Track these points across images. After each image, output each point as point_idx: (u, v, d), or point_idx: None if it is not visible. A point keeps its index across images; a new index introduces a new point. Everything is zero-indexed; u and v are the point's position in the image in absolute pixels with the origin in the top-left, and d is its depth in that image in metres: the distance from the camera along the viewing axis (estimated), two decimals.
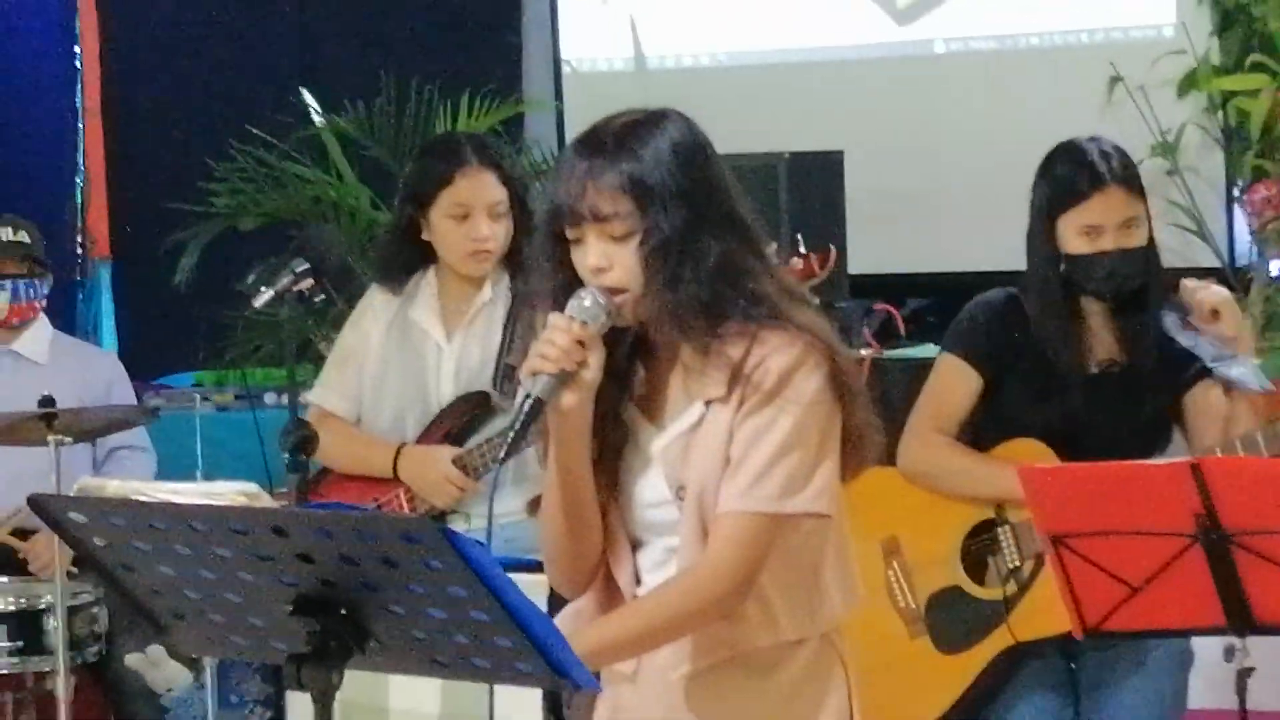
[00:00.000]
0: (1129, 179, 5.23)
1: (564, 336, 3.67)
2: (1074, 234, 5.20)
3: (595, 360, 3.70)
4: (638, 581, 3.85)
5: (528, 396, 3.70)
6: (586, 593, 3.89)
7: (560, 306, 3.72)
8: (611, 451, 3.85)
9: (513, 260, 5.98)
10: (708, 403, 3.75)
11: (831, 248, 5.72)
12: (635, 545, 3.87)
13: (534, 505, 3.93)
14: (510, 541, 5.22)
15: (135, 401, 7.75)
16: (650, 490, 3.83)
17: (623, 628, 3.79)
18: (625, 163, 3.70)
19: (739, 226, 3.77)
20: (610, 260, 3.72)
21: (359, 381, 6.04)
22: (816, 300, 4.15)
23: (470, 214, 5.95)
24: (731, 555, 3.70)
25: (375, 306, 6.11)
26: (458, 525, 5.68)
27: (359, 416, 6.08)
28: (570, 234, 3.74)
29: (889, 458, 5.27)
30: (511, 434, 3.75)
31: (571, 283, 3.75)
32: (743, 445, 3.71)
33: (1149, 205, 5.30)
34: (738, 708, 3.79)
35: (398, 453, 6.00)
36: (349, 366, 6.04)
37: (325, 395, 6.13)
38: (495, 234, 5.95)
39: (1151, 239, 5.27)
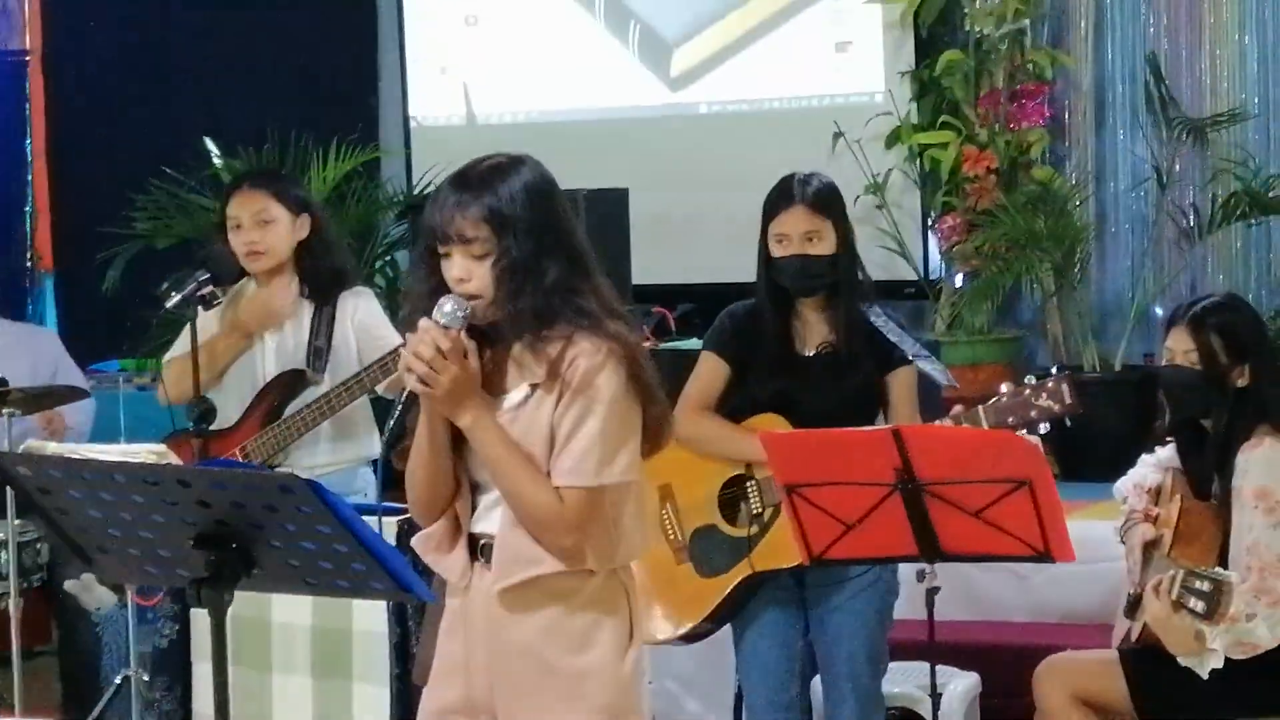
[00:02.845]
0: (815, 201, 5.19)
1: (426, 343, 3.68)
2: (772, 242, 5.22)
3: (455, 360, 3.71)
4: (472, 513, 3.86)
5: (403, 390, 3.75)
6: (435, 525, 3.87)
7: (431, 304, 3.72)
8: None
9: (305, 264, 5.94)
10: (533, 386, 3.76)
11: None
12: (475, 489, 3.86)
13: (401, 456, 3.92)
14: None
15: (79, 369, 7.64)
16: None
17: (522, 461, 3.73)
18: (487, 198, 3.71)
19: (574, 254, 3.77)
20: (470, 273, 3.72)
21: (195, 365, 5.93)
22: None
23: (241, 225, 5.90)
24: (570, 516, 3.72)
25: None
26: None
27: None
28: (441, 250, 3.75)
29: None
30: (393, 420, 3.80)
31: (440, 286, 3.75)
32: (564, 433, 3.72)
33: (849, 227, 5.25)
34: (539, 619, 3.79)
35: None
36: (189, 352, 5.94)
37: None
38: (263, 238, 5.87)
39: (841, 251, 5.21)
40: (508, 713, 3.83)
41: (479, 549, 3.85)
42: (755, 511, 5.21)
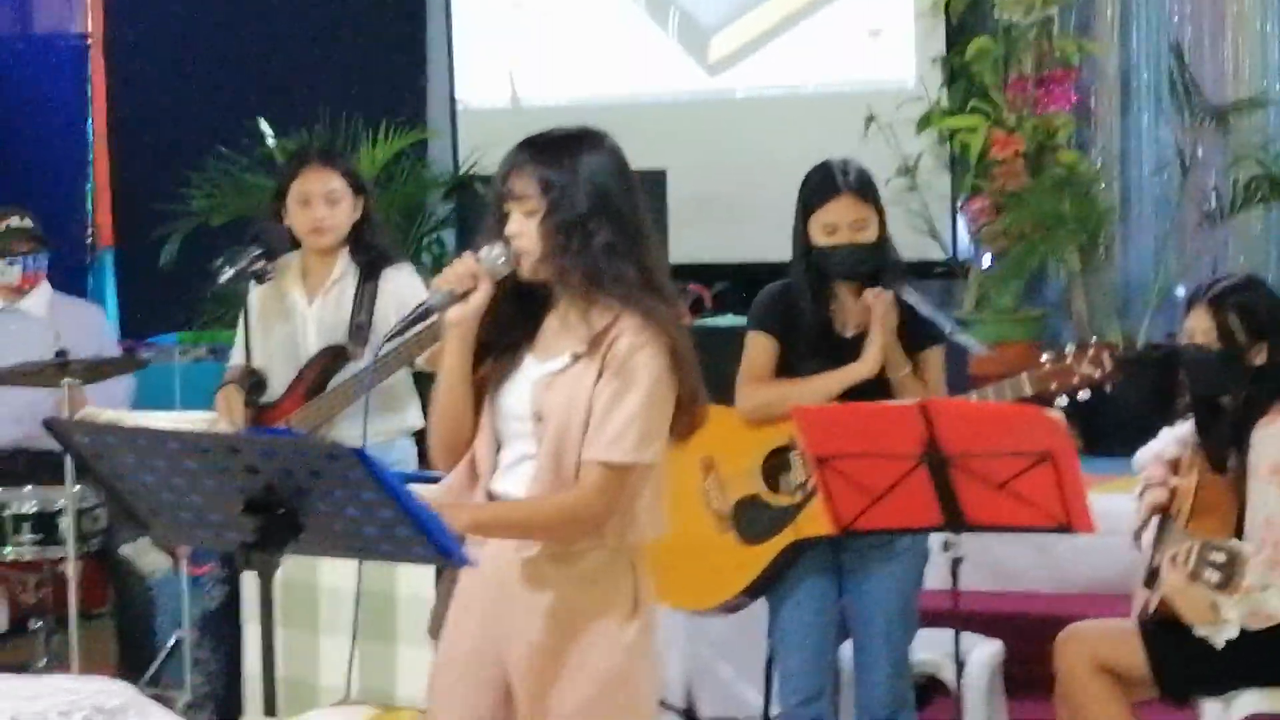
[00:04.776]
0: (861, 189, 5.16)
1: (462, 266, 3.75)
2: (818, 230, 5.18)
3: (483, 290, 3.76)
4: (493, 471, 3.88)
5: (422, 304, 3.79)
6: (454, 473, 3.90)
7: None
8: (500, 372, 3.86)
9: (356, 240, 5.95)
10: (575, 356, 3.77)
11: None
12: (499, 445, 3.88)
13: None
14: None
15: (116, 340, 7.67)
16: (516, 404, 3.84)
17: (510, 514, 3.80)
18: (542, 161, 3.77)
19: (627, 225, 3.78)
20: (522, 229, 3.77)
21: (248, 335, 5.94)
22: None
23: (310, 200, 5.89)
24: (599, 490, 3.73)
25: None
26: None
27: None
28: (505, 206, 3.80)
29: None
30: (402, 324, 3.83)
31: (501, 238, 3.81)
32: (603, 409, 3.73)
33: (886, 212, 5.24)
34: (549, 584, 3.81)
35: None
36: (241, 325, 5.96)
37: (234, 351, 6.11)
38: (330, 215, 5.88)
39: (883, 236, 5.21)
40: (516, 670, 3.84)
41: None
42: (800, 481, 5.22)
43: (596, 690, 3.80)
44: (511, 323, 3.85)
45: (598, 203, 3.76)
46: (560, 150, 3.79)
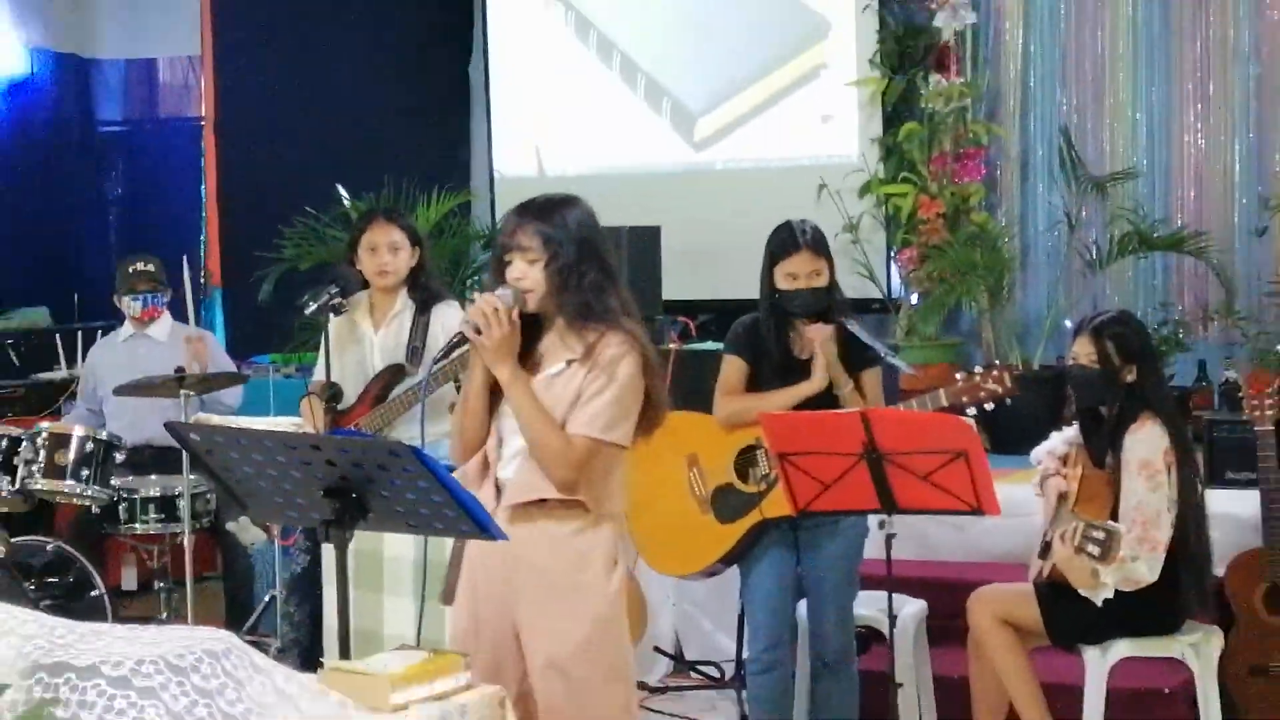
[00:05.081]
0: (816, 245, 5.17)
1: (485, 304, 3.78)
2: (781, 277, 5.18)
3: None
4: (498, 461, 3.90)
5: (459, 333, 3.82)
6: (469, 465, 3.92)
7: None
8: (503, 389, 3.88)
9: (413, 282, 5.96)
10: (569, 361, 3.81)
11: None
12: (501, 440, 3.90)
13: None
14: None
15: (231, 361, 7.67)
16: None
17: (535, 406, 3.78)
18: (540, 219, 3.81)
19: (606, 266, 3.84)
20: (525, 274, 3.81)
21: (328, 356, 5.93)
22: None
23: (377, 249, 5.91)
24: (577, 454, 3.76)
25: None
26: None
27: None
28: (507, 257, 3.84)
29: (688, 405, 5.34)
30: (443, 352, 3.90)
31: (504, 284, 3.84)
32: (586, 396, 3.77)
33: (835, 262, 5.26)
34: (546, 543, 3.83)
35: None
36: (321, 348, 5.96)
37: (316, 369, 6.09)
38: (393, 261, 5.90)
39: (833, 281, 5.22)
40: (520, 621, 3.86)
41: (499, 493, 3.87)
42: (764, 473, 5.21)
43: (590, 632, 3.81)
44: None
45: (585, 250, 3.81)
46: (553, 210, 3.84)
